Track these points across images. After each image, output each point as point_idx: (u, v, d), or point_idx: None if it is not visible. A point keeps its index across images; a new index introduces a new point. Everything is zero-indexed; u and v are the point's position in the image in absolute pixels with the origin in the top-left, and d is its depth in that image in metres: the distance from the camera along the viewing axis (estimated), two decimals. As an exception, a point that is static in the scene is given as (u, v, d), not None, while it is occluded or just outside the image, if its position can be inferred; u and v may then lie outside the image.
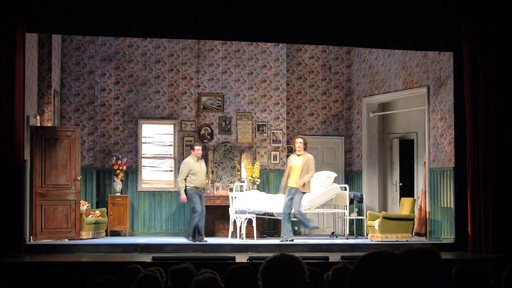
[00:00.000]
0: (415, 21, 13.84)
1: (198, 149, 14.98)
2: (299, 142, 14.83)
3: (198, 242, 14.19)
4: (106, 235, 15.87)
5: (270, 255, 3.91)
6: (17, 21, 12.41)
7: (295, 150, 15.10)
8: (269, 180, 17.70)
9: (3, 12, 12.24)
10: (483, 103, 13.49)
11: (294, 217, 14.72)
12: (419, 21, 13.84)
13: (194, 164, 14.78)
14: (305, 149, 14.81)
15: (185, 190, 14.69)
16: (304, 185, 14.52)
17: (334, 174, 15.96)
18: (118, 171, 16.41)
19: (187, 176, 14.69)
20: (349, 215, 16.18)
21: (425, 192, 15.93)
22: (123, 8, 12.95)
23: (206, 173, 15.49)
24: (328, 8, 13.54)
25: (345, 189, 16.27)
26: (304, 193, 14.61)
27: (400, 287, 3.13)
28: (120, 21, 13.14)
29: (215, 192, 16.93)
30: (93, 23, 13.19)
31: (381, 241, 15.10)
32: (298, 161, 14.69)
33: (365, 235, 16.08)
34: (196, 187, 14.75)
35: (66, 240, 14.50)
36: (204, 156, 17.32)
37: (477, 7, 13.58)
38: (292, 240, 14.37)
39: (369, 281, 3.16)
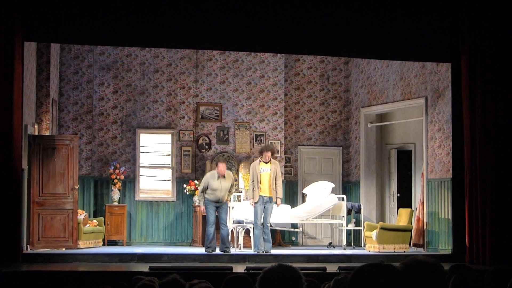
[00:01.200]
0: (413, 32, 13.87)
1: (221, 166, 14.84)
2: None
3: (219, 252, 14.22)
4: (104, 245, 15.82)
5: (267, 265, 3.91)
6: (16, 29, 12.41)
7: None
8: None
9: (2, 20, 12.25)
10: (481, 114, 13.51)
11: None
12: (417, 32, 13.87)
13: (214, 182, 14.67)
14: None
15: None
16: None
17: (331, 185, 15.97)
18: (115, 181, 16.38)
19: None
20: (347, 226, 16.17)
21: (423, 203, 15.92)
22: (121, 17, 12.97)
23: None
24: (326, 19, 13.57)
25: (343, 200, 16.24)
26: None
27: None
28: (118, 30, 13.16)
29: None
30: (92, 32, 13.19)
31: (379, 252, 15.08)
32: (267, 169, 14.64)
33: (362, 245, 16.06)
34: (213, 202, 14.64)
35: (63, 249, 14.46)
36: (202, 166, 17.34)
37: (475, 19, 13.62)
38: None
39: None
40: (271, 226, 15.86)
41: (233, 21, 13.30)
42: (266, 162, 14.61)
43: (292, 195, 17.92)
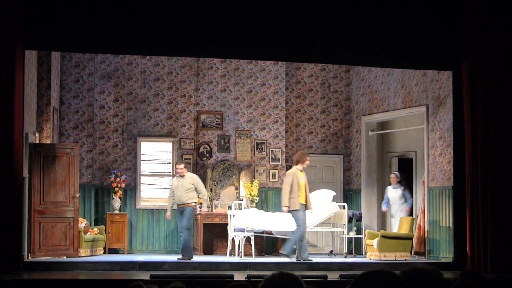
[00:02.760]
0: (414, 40, 13.86)
1: (176, 167, 14.93)
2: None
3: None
4: (105, 253, 15.82)
5: (268, 273, 3.91)
6: (17, 38, 12.42)
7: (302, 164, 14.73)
8: (267, 198, 17.66)
9: (3, 29, 12.26)
10: (482, 122, 13.51)
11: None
12: (418, 40, 13.86)
13: (174, 182, 14.82)
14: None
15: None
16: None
17: (332, 193, 15.96)
18: (116, 189, 16.39)
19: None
20: (348, 234, 16.16)
21: (424, 211, 15.89)
22: (122, 25, 12.97)
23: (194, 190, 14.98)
24: (327, 27, 13.58)
25: (344, 208, 16.27)
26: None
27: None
28: (119, 38, 13.17)
29: (214, 210, 16.90)
30: (93, 41, 13.19)
31: (380, 260, 15.05)
32: (303, 178, 14.62)
33: (363, 253, 16.04)
34: (177, 205, 14.77)
35: (64, 257, 14.44)
36: (203, 174, 17.33)
37: (476, 27, 13.63)
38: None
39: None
40: (271, 234, 15.89)
41: (234, 29, 13.30)
42: (301, 171, 14.62)
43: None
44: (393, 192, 16.47)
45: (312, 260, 14.25)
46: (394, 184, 16.46)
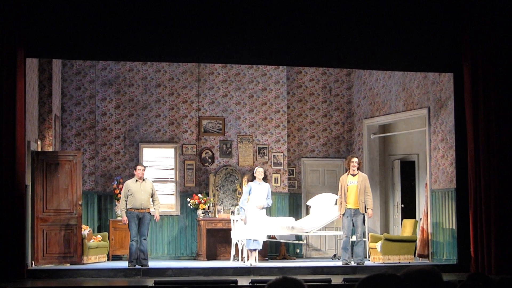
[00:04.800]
0: (415, 42, 13.86)
1: (139, 169, 14.45)
2: (355, 161, 14.70)
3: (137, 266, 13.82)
4: (108, 260, 15.81)
5: (272, 278, 3.91)
6: (18, 46, 12.42)
7: (348, 170, 14.76)
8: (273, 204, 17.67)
9: (4, 37, 12.26)
10: (484, 124, 13.49)
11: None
12: (419, 42, 13.86)
13: (134, 185, 14.27)
14: (358, 168, 14.85)
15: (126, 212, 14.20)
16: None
17: (335, 196, 15.91)
18: (119, 195, 16.38)
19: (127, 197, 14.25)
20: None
21: (427, 213, 15.89)
22: (123, 32, 12.98)
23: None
24: (327, 30, 13.57)
25: (347, 211, 16.26)
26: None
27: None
28: (120, 45, 13.16)
29: (217, 215, 16.89)
30: (93, 48, 13.18)
31: (383, 263, 15.05)
32: (354, 181, 14.58)
33: (367, 257, 16.00)
34: (135, 209, 14.14)
35: (68, 265, 14.44)
36: (205, 180, 17.33)
37: (477, 28, 13.62)
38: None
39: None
40: (274, 238, 15.85)
41: (234, 34, 13.30)
42: (354, 175, 14.56)
43: (296, 207, 17.91)
44: None
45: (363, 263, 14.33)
46: None
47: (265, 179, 15.02)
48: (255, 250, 14.67)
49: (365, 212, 14.46)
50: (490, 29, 13.55)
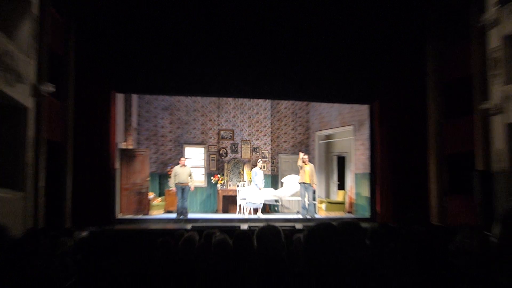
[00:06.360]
0: (346, 86, 13.83)
1: (181, 160, 14.28)
2: (301, 155, 14.48)
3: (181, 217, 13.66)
4: (164, 213, 15.84)
5: (261, 224, 3.94)
6: (111, 87, 12.50)
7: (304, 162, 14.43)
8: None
9: (103, 81, 12.33)
10: (385, 135, 13.57)
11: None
12: (348, 86, 13.84)
13: (179, 169, 14.08)
14: (309, 161, 14.84)
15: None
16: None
17: (298, 177, 15.95)
18: (170, 175, 16.41)
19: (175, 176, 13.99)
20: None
21: (352, 187, 15.97)
22: (173, 80, 12.99)
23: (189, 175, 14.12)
24: (293, 79, 13.55)
25: (305, 186, 16.26)
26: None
27: (336, 241, 3.15)
28: (171, 86, 13.15)
29: (228, 187, 16.92)
30: (157, 87, 13.20)
31: (326, 216, 15.12)
32: (307, 168, 14.34)
33: (316, 212, 16.06)
34: (179, 183, 13.93)
35: (140, 215, 14.51)
36: (221, 166, 17.35)
37: (384, 78, 13.69)
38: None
39: (318, 239, 3.19)
40: (265, 202, 15.83)
41: (240, 83, 13.32)
42: (306, 164, 14.34)
43: (276, 183, 17.94)
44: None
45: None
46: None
47: (261, 168, 15.26)
48: (256, 209, 14.81)
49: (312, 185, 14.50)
50: (393, 79, 13.61)
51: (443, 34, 12.56)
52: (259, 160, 15.61)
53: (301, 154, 14.59)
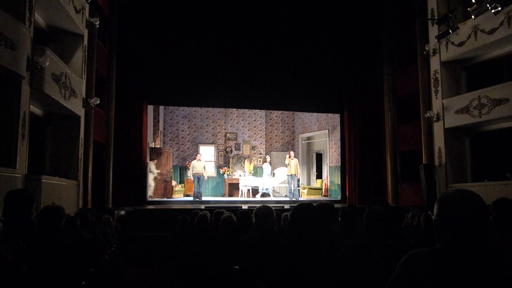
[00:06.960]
0: (320, 99, 13.88)
1: (198, 156, 14.11)
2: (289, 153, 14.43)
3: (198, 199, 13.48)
4: (184, 196, 15.78)
5: (258, 205, 3.95)
6: (143, 99, 12.47)
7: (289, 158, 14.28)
8: (257, 172, 17.65)
9: (137, 95, 12.31)
10: (353, 137, 13.56)
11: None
12: (321, 99, 13.87)
13: (196, 163, 13.87)
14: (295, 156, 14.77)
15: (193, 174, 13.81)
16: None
17: (286, 169, 15.95)
18: (189, 167, 16.38)
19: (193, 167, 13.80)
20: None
21: (327, 176, 15.96)
22: (192, 95, 12.97)
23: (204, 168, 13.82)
24: (282, 95, 13.53)
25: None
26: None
27: (315, 218, 3.17)
28: (189, 99, 13.13)
29: (233, 176, 16.90)
30: (178, 100, 13.21)
31: (308, 198, 15.07)
32: (292, 162, 14.18)
33: (300, 196, 16.05)
34: (196, 173, 13.72)
35: (166, 198, 14.48)
36: (228, 161, 17.32)
37: (351, 93, 13.68)
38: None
39: (301, 216, 3.20)
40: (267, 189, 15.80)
41: (242, 97, 13.32)
42: (292, 159, 14.13)
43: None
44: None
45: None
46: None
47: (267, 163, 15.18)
48: (259, 192, 14.82)
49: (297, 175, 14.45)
50: (357, 95, 13.60)
51: (396, 59, 12.70)
52: (267, 156, 15.61)
53: (287, 155, 14.56)
